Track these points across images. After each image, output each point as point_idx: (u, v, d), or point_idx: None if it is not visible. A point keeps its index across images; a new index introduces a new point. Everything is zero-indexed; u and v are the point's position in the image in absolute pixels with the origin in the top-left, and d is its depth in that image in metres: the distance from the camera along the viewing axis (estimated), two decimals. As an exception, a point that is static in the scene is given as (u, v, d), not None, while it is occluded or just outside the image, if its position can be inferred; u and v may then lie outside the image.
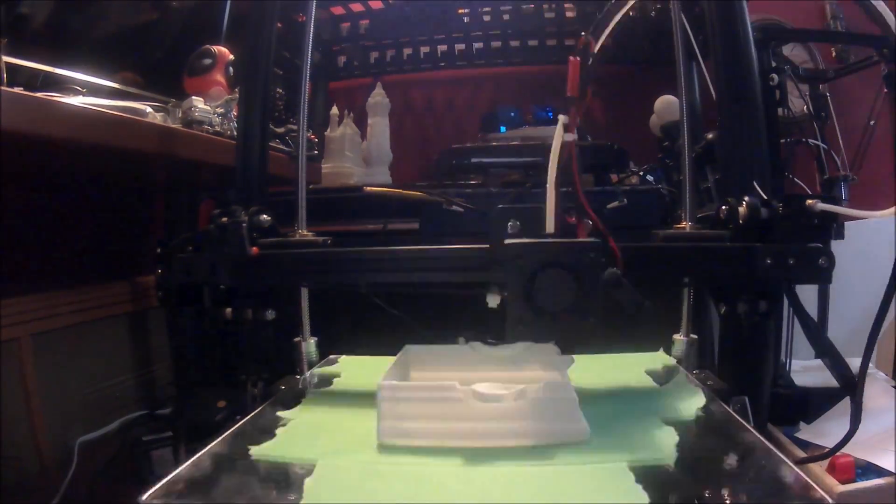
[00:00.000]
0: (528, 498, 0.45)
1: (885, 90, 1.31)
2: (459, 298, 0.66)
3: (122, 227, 1.17)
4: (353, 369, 0.80)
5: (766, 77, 1.10)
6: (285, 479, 0.50)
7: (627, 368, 0.76)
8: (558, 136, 0.55)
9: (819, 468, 0.84)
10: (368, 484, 0.47)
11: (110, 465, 0.95)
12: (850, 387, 0.64)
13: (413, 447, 0.53)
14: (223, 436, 0.57)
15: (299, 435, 0.58)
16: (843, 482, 0.80)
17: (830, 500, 0.42)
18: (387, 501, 0.45)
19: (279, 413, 0.64)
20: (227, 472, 0.51)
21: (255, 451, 0.54)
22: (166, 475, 0.49)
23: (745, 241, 0.67)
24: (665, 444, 0.51)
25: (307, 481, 0.47)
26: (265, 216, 0.76)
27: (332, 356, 0.86)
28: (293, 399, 0.69)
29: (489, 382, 0.55)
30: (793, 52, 1.58)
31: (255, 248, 0.73)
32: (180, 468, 0.50)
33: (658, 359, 0.79)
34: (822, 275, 0.66)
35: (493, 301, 0.57)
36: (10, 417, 0.87)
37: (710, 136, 1.09)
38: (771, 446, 0.51)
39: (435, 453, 0.52)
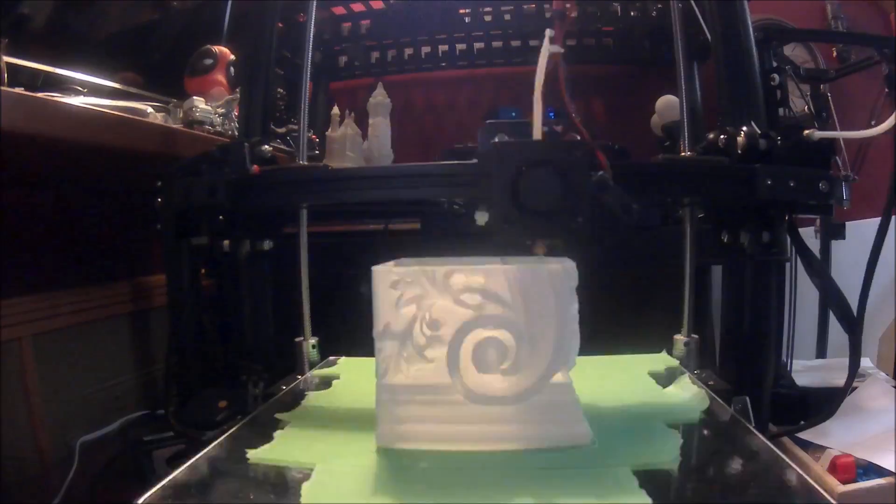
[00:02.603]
0: (529, 498, 0.44)
1: (886, 90, 1.31)
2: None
3: (122, 227, 1.17)
4: (352, 371, 0.80)
5: (767, 77, 1.09)
6: (283, 483, 0.49)
7: (630, 370, 0.75)
8: (545, 49, 0.56)
9: (820, 468, 0.84)
10: (367, 489, 0.46)
11: (111, 465, 0.95)
12: (852, 325, 0.65)
13: (412, 451, 0.52)
14: (219, 439, 0.57)
15: (297, 438, 0.57)
16: (844, 482, 0.80)
17: (832, 501, 0.42)
18: (385, 505, 0.45)
19: (277, 415, 0.63)
20: (223, 475, 0.50)
21: (253, 454, 0.53)
22: (165, 476, 0.49)
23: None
24: (668, 448, 0.51)
25: (305, 486, 0.47)
26: (266, 147, 0.77)
27: (331, 358, 0.86)
28: (291, 401, 0.69)
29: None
30: (794, 52, 1.58)
31: (255, 167, 0.74)
32: (177, 471, 0.50)
33: (660, 360, 0.79)
34: (822, 199, 0.66)
35: (481, 219, 0.57)
36: (11, 417, 0.87)
37: (710, 135, 1.09)
38: (774, 448, 0.51)
39: (435, 457, 0.51)
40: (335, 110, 1.44)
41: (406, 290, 0.52)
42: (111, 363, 1.08)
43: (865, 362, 1.15)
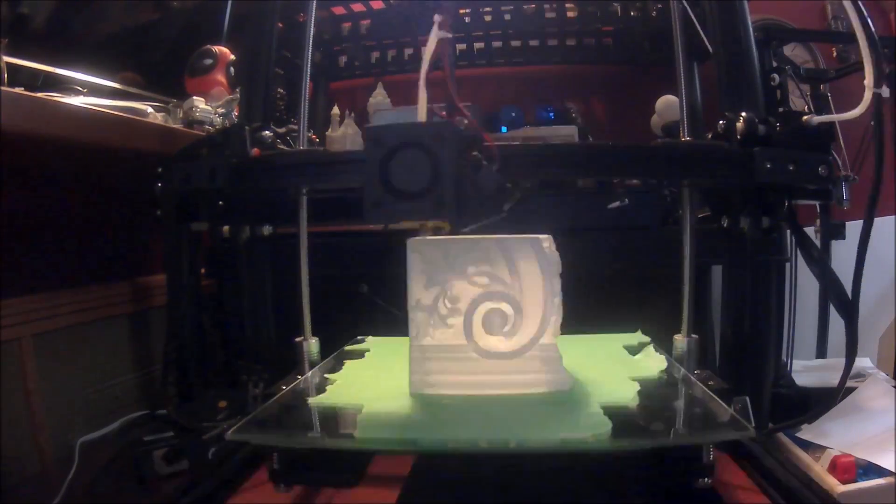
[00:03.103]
0: (525, 426, 0.59)
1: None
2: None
3: (122, 227, 1.17)
4: (379, 346, 0.89)
5: (768, 77, 1.10)
6: (341, 417, 0.64)
7: (607, 344, 0.87)
8: (434, 35, 0.58)
9: (820, 468, 0.84)
10: (405, 421, 0.61)
11: (111, 465, 0.95)
12: (848, 311, 0.66)
13: (437, 395, 0.65)
14: (283, 392, 0.69)
15: (345, 389, 0.70)
16: (844, 482, 0.80)
17: (751, 429, 0.55)
18: (419, 436, 0.60)
19: (325, 375, 0.76)
20: (292, 414, 0.64)
21: (312, 400, 0.67)
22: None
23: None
24: (629, 391, 0.65)
25: (359, 417, 0.59)
26: (266, 132, 0.78)
27: (359, 337, 0.94)
28: (336, 365, 0.80)
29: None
30: (794, 52, 1.58)
31: (256, 150, 0.75)
32: (253, 413, 0.61)
33: (635, 338, 0.88)
34: (821, 183, 0.67)
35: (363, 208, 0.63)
36: (11, 417, 0.87)
37: (710, 135, 1.09)
38: (712, 395, 0.63)
39: (455, 400, 0.65)
40: (335, 110, 1.44)
41: (433, 274, 0.66)
42: (111, 363, 1.08)
43: (865, 362, 1.15)
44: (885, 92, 0.64)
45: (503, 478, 0.78)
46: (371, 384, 0.72)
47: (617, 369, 0.74)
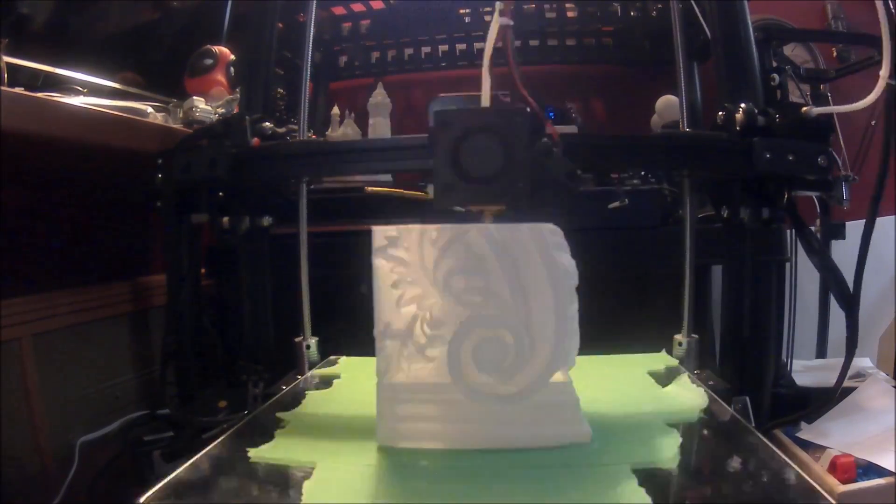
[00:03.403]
0: (529, 500, 0.44)
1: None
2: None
3: (122, 227, 1.17)
4: (353, 370, 0.79)
5: (768, 77, 1.09)
6: (284, 481, 0.49)
7: (629, 369, 0.75)
8: (495, 21, 0.57)
9: (820, 468, 0.84)
10: (368, 487, 0.47)
11: (111, 465, 0.95)
12: (848, 304, 0.66)
13: (413, 450, 0.52)
14: (221, 438, 0.57)
15: (298, 437, 0.57)
16: (844, 482, 0.80)
17: (832, 501, 0.42)
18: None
19: (278, 414, 0.63)
20: (225, 474, 0.51)
21: (254, 453, 0.53)
22: (166, 476, 0.49)
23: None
24: (667, 447, 0.51)
25: (306, 484, 0.47)
26: (267, 123, 0.77)
27: (332, 357, 0.86)
28: (292, 400, 0.69)
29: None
30: (794, 51, 1.58)
31: (256, 140, 0.74)
32: (178, 470, 0.50)
33: (660, 360, 0.79)
34: (821, 174, 0.67)
35: (433, 192, 0.58)
36: (11, 417, 0.87)
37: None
38: (773, 447, 0.51)
39: (435, 455, 0.51)
40: (335, 110, 1.44)
41: (407, 290, 0.52)
42: (111, 363, 1.08)
43: (865, 362, 1.14)
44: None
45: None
46: (332, 428, 0.59)
47: (646, 409, 0.60)
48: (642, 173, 1.40)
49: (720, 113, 0.72)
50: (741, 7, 0.82)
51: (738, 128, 0.69)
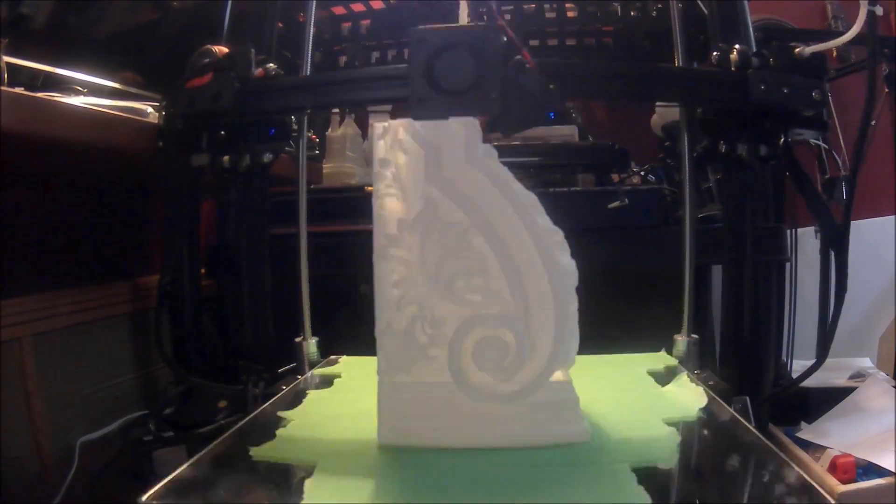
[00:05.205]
0: (529, 499, 0.44)
1: (886, 90, 1.31)
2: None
3: (122, 227, 1.17)
4: (353, 370, 0.80)
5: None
6: (286, 479, 0.50)
7: (629, 369, 0.76)
8: None
9: (820, 468, 0.84)
10: (369, 486, 0.47)
11: (111, 465, 0.95)
12: (836, 243, 0.66)
13: (414, 448, 0.52)
14: (222, 437, 0.57)
15: (299, 436, 0.57)
16: (843, 482, 0.80)
17: (832, 501, 0.42)
18: (387, 502, 0.45)
19: (279, 413, 0.63)
20: (227, 472, 0.51)
21: (256, 452, 0.53)
22: (167, 475, 0.49)
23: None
24: (667, 445, 0.51)
25: (307, 482, 0.47)
26: (271, 64, 0.79)
27: (332, 357, 0.86)
28: (293, 399, 0.69)
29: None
30: (793, 51, 1.57)
31: (260, 70, 0.76)
32: (180, 469, 0.50)
33: (660, 359, 0.79)
34: (815, 107, 0.68)
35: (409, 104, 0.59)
36: (11, 417, 0.87)
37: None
38: (773, 447, 0.51)
39: (435, 454, 0.52)
40: (335, 110, 1.44)
41: (408, 290, 0.53)
42: (111, 363, 1.08)
43: (865, 362, 1.15)
44: (879, 10, 0.63)
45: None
46: (333, 427, 0.59)
47: (645, 408, 0.61)
48: (641, 174, 1.40)
49: (714, 53, 0.73)
50: (741, 7, 0.82)
51: (732, 68, 0.70)
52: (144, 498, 0.45)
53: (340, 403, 0.67)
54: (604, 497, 0.44)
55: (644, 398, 0.65)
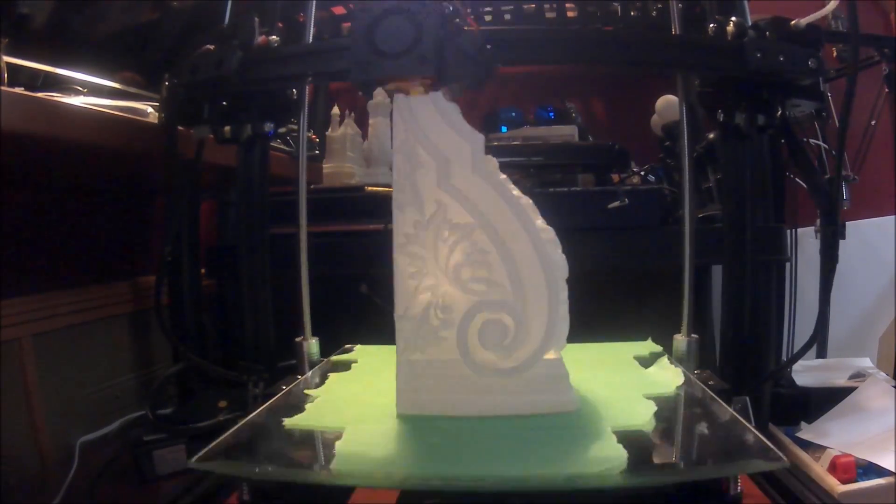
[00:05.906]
0: (525, 455, 0.52)
1: (886, 90, 1.31)
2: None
3: (122, 227, 1.17)
4: (368, 356, 0.85)
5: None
6: (318, 443, 0.58)
7: (616, 354, 0.81)
8: None
9: (820, 468, 0.84)
10: (391, 444, 0.55)
11: (111, 465, 0.95)
12: (827, 214, 0.71)
13: (428, 416, 0.60)
14: (257, 411, 0.63)
15: (326, 408, 0.65)
16: (843, 482, 0.80)
17: (785, 459, 0.48)
18: (405, 467, 0.53)
19: (306, 391, 0.70)
20: (264, 439, 0.58)
21: (288, 421, 0.60)
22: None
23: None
24: (644, 413, 0.58)
25: (338, 443, 0.54)
26: (274, 37, 0.80)
27: (347, 346, 0.91)
28: (319, 380, 0.76)
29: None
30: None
31: (263, 38, 0.77)
32: (222, 437, 0.56)
33: (645, 347, 0.83)
34: (812, 76, 0.69)
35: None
36: (11, 417, 0.87)
37: (711, 135, 1.09)
38: (736, 415, 0.58)
39: (446, 421, 0.60)
40: (335, 110, 1.45)
41: (422, 280, 0.61)
42: (111, 363, 1.09)
43: (865, 362, 1.15)
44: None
45: None
46: (355, 402, 0.67)
47: (628, 385, 0.68)
48: (641, 174, 1.40)
49: (711, 25, 0.73)
50: (741, 7, 0.82)
51: (728, 39, 0.70)
52: (195, 459, 0.51)
53: (360, 383, 0.75)
54: (588, 453, 0.51)
55: (627, 377, 0.72)
